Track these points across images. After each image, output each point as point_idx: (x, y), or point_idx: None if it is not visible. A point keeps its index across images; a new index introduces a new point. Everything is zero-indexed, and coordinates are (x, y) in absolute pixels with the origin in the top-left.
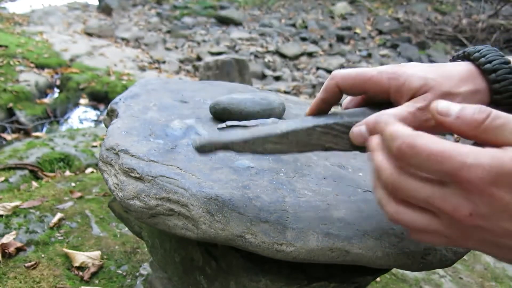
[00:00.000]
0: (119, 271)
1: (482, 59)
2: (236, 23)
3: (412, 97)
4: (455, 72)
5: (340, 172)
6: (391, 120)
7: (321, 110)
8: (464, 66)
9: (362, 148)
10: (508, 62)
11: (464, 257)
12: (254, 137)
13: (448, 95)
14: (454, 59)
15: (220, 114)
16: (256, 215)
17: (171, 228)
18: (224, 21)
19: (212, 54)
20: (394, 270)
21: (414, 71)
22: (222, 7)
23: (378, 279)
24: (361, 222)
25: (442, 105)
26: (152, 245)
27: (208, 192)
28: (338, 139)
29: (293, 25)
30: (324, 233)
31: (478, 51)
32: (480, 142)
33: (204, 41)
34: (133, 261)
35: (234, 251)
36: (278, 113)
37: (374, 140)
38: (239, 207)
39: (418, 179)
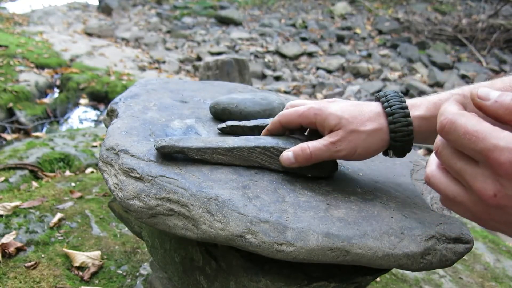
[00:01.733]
0: (119, 271)
1: (386, 103)
2: (236, 23)
3: (330, 131)
4: (367, 112)
5: (340, 172)
6: (449, 100)
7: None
8: (376, 107)
9: (290, 169)
10: (406, 108)
11: (464, 257)
12: (206, 147)
13: (355, 132)
14: (375, 99)
15: (220, 114)
16: (256, 215)
17: (171, 228)
18: (224, 21)
19: (212, 54)
20: (394, 270)
21: (333, 110)
22: (222, 7)
23: (378, 279)
24: (361, 222)
25: (482, 90)
26: (152, 245)
27: (208, 192)
28: (272, 159)
29: (293, 25)
30: (324, 233)
31: (385, 95)
32: None
33: (204, 41)
34: (133, 261)
35: (234, 251)
36: (278, 113)
37: None
38: (239, 207)
39: (456, 152)
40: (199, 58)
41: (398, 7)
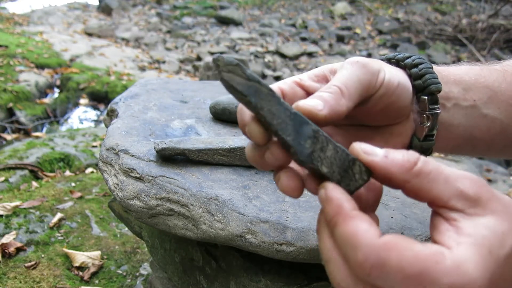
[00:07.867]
0: (119, 271)
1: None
2: (236, 23)
3: None
4: None
5: None
6: (347, 209)
7: None
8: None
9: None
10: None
11: None
12: (207, 148)
13: None
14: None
15: (220, 114)
16: (256, 215)
17: (171, 228)
18: (224, 21)
19: (212, 54)
20: None
21: None
22: (222, 7)
23: None
24: None
25: (364, 145)
26: (152, 245)
27: (208, 192)
28: None
29: (293, 25)
30: None
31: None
32: (410, 191)
33: (204, 41)
34: (133, 261)
35: (234, 251)
36: None
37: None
38: (239, 207)
39: None
40: (199, 58)
41: (398, 7)
